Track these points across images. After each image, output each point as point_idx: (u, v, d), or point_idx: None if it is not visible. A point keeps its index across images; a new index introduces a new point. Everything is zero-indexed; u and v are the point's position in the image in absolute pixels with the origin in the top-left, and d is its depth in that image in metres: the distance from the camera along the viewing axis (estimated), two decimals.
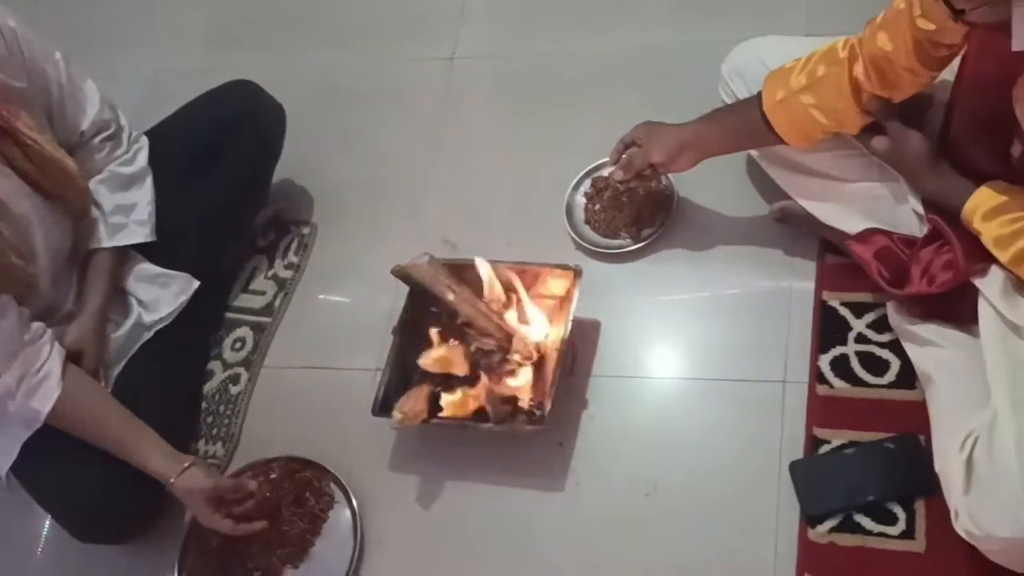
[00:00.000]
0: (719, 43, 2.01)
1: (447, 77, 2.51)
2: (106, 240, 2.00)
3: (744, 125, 1.79)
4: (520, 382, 1.87)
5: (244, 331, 2.22)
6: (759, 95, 1.74)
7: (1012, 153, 1.49)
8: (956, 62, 1.56)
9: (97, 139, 2.01)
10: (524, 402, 1.85)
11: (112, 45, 2.91)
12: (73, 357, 1.89)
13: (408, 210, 2.30)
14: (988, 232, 1.49)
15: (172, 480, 1.81)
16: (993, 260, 1.52)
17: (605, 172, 2.12)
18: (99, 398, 1.88)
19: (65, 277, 1.99)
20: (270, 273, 2.29)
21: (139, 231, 2.03)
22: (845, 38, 1.66)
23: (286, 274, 2.27)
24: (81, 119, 1.99)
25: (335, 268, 2.28)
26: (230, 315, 2.25)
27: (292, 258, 2.29)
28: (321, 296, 2.25)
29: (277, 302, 2.24)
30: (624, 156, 1.94)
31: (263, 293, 2.26)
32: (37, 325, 1.84)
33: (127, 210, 2.03)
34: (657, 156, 1.88)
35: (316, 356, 2.16)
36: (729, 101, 1.90)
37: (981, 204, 1.50)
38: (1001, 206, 1.48)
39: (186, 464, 1.83)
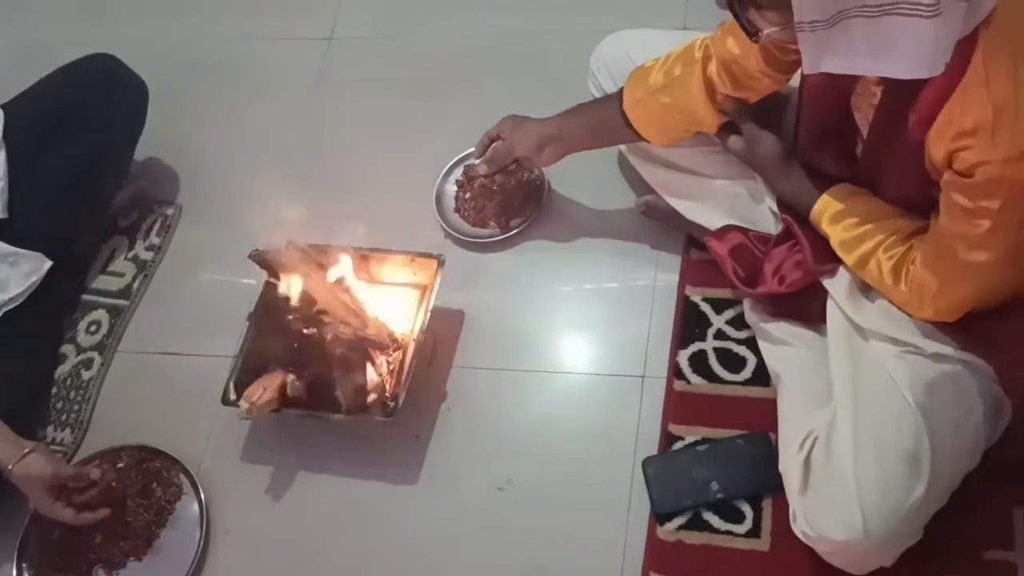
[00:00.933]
0: (597, 32, 1.98)
1: (322, 57, 2.45)
2: None
3: (606, 122, 1.76)
4: (376, 372, 1.82)
5: (100, 314, 2.13)
6: (620, 92, 1.72)
7: (857, 154, 1.49)
8: None
9: None
10: (379, 393, 1.80)
11: None
12: None
13: (275, 193, 2.20)
14: (835, 235, 1.49)
15: (10, 467, 1.73)
16: (841, 261, 1.51)
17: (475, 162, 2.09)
18: None
19: None
20: (130, 254, 2.20)
21: None
22: (702, 37, 1.65)
23: (147, 256, 2.19)
24: None
25: (198, 251, 2.20)
26: (86, 297, 2.16)
27: (154, 239, 2.21)
28: (182, 279, 2.17)
29: (136, 285, 2.16)
30: (489, 150, 1.90)
31: (122, 275, 2.18)
32: None
33: None
34: (520, 151, 1.86)
35: (173, 342, 2.08)
36: (596, 93, 1.88)
37: (828, 207, 1.50)
38: (846, 210, 1.47)
39: (26, 450, 1.74)
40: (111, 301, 2.15)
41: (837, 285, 1.53)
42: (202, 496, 1.84)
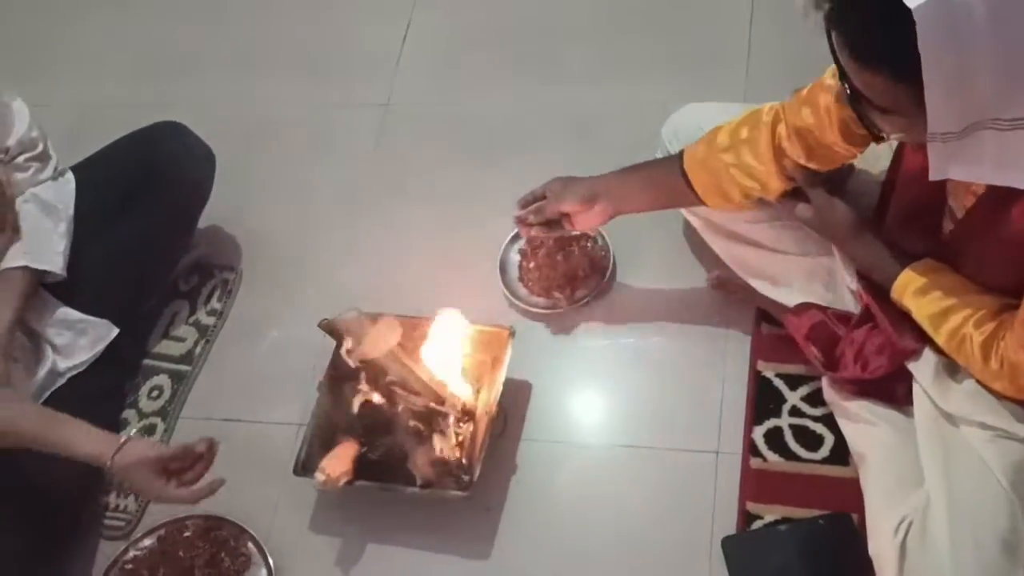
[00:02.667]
0: (655, 103, 2.01)
1: (380, 124, 2.46)
2: (20, 259, 1.91)
3: (663, 181, 1.75)
4: (449, 444, 1.82)
5: (162, 379, 2.13)
6: (681, 153, 1.71)
7: (944, 228, 1.50)
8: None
9: (22, 158, 1.94)
10: (452, 465, 1.79)
11: (37, 73, 2.80)
12: None
13: (335, 259, 2.24)
14: (920, 309, 1.48)
15: (110, 460, 1.67)
16: (926, 340, 1.51)
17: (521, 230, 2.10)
18: (9, 399, 1.78)
19: None
20: (191, 319, 2.21)
21: (55, 259, 1.94)
22: (771, 104, 1.65)
23: (208, 321, 2.20)
24: (7, 134, 1.92)
25: (259, 317, 2.20)
26: (148, 362, 2.17)
27: (215, 304, 2.22)
28: (244, 345, 2.17)
29: (198, 350, 2.16)
30: (533, 207, 1.87)
31: (183, 340, 2.18)
32: None
33: (46, 235, 1.95)
34: (569, 206, 1.81)
35: (237, 408, 2.08)
36: None
37: (912, 282, 1.49)
38: (932, 283, 1.47)
39: (122, 440, 1.70)
40: (173, 366, 2.15)
41: (922, 369, 1.52)
42: (272, 566, 1.82)
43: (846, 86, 1.24)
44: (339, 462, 1.78)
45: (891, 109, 1.21)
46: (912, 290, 1.49)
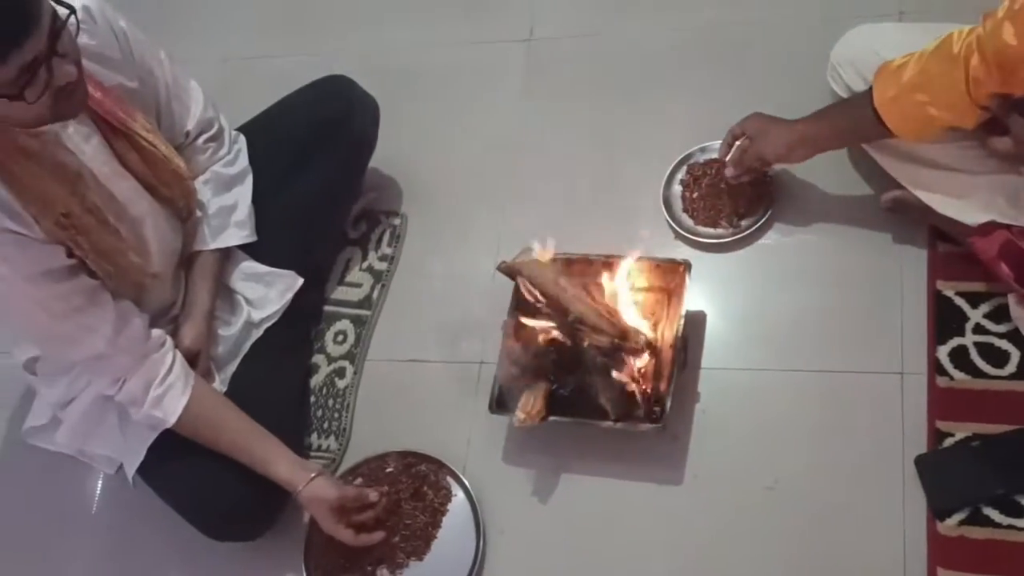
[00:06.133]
0: (802, 22, 2.04)
1: (524, 59, 2.49)
2: (210, 242, 2.01)
3: (857, 123, 1.77)
4: (636, 378, 1.88)
5: (344, 324, 2.23)
6: (870, 91, 1.72)
7: None
8: None
9: (201, 139, 2.02)
10: (642, 398, 1.86)
11: (179, 30, 2.87)
12: (189, 359, 1.91)
13: (495, 201, 2.29)
14: None
15: (299, 489, 1.85)
16: None
17: (700, 159, 2.14)
18: (222, 408, 1.90)
19: (174, 279, 2.01)
20: (365, 265, 2.29)
21: (238, 233, 2.04)
22: (959, 30, 1.62)
23: (381, 266, 2.28)
24: (187, 119, 1.99)
25: (430, 259, 2.28)
26: (329, 308, 2.26)
27: (386, 249, 2.30)
28: (418, 288, 2.25)
29: (375, 294, 2.25)
30: (735, 151, 1.94)
31: (359, 285, 2.27)
32: (158, 332, 1.86)
33: (228, 211, 2.04)
34: (772, 157, 1.90)
35: (418, 349, 2.17)
36: (838, 89, 1.90)
37: None
38: None
39: (312, 475, 1.85)
40: (353, 311, 2.24)
41: None
42: (474, 497, 1.93)
43: None
44: (534, 400, 1.86)
45: None
46: None
